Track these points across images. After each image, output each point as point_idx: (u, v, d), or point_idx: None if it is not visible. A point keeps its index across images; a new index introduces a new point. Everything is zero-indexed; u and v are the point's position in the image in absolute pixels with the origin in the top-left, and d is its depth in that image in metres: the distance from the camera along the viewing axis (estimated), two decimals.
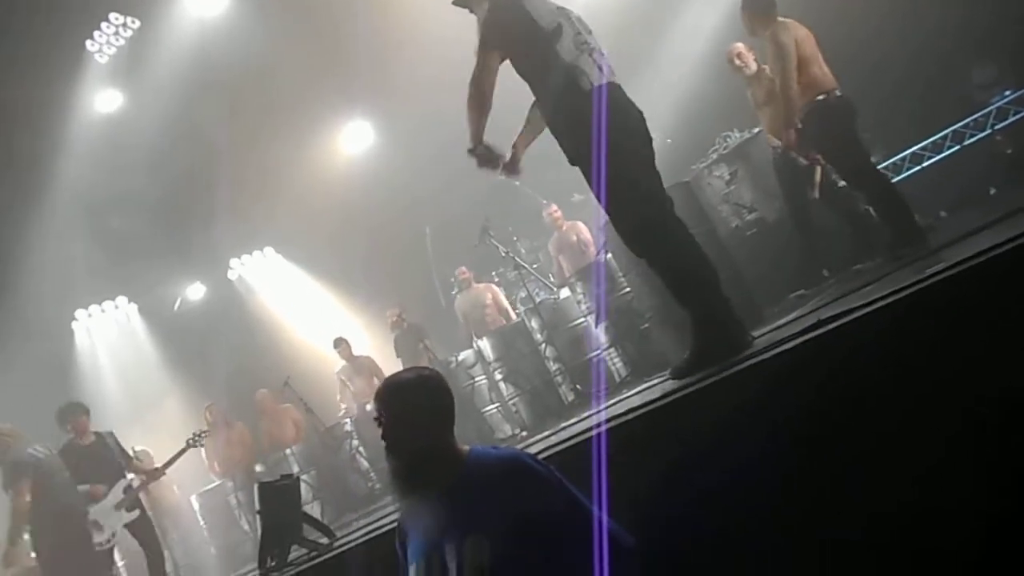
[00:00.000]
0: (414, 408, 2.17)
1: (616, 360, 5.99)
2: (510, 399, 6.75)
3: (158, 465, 6.31)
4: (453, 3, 3.53)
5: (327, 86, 8.67)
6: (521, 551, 2.01)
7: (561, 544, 2.04)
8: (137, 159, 8.45)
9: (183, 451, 6.24)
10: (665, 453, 2.51)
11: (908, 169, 6.30)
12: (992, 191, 5.76)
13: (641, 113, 3.32)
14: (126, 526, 5.68)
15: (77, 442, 5.66)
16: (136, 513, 5.74)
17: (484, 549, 2.01)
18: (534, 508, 2.05)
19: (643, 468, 2.46)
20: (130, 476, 5.88)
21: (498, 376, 6.92)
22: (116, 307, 10.25)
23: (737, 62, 5.26)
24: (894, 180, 6.16)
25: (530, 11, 3.25)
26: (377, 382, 8.41)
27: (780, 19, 4.60)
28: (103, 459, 5.69)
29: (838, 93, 4.49)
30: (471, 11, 3.44)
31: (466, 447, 2.24)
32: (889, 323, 2.27)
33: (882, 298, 2.37)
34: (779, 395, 2.35)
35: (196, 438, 6.36)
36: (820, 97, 4.46)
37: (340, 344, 8.48)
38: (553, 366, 6.61)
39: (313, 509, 7.18)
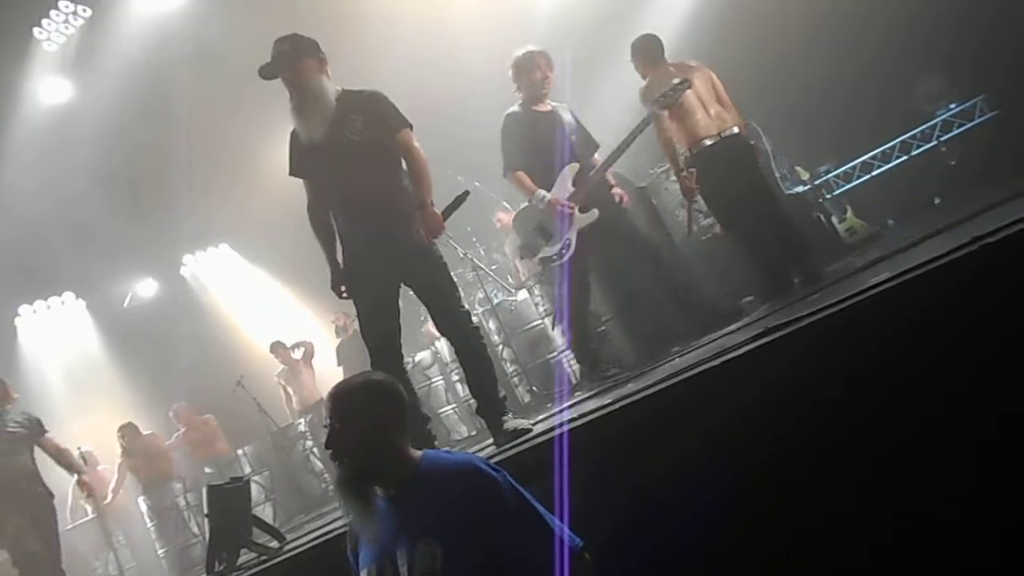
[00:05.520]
0: (362, 414, 2.14)
1: (574, 362, 6.01)
2: (467, 399, 6.73)
3: None
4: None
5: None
6: (473, 557, 2.00)
7: (512, 549, 2.04)
8: (86, 151, 8.21)
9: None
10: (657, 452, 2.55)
11: (859, 177, 6.45)
12: (936, 201, 5.94)
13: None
14: None
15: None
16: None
17: (436, 554, 2.01)
18: (486, 513, 2.04)
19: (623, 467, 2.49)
20: None
21: (455, 377, 6.88)
22: (63, 303, 9.93)
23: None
24: (845, 188, 6.32)
25: None
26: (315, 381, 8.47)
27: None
28: None
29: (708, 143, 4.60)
30: None
31: (418, 452, 2.23)
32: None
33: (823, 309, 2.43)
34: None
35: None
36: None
37: (276, 348, 8.70)
38: (510, 367, 6.61)
39: (265, 510, 7.08)
